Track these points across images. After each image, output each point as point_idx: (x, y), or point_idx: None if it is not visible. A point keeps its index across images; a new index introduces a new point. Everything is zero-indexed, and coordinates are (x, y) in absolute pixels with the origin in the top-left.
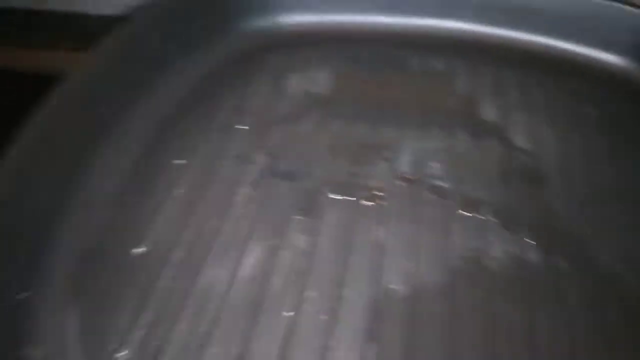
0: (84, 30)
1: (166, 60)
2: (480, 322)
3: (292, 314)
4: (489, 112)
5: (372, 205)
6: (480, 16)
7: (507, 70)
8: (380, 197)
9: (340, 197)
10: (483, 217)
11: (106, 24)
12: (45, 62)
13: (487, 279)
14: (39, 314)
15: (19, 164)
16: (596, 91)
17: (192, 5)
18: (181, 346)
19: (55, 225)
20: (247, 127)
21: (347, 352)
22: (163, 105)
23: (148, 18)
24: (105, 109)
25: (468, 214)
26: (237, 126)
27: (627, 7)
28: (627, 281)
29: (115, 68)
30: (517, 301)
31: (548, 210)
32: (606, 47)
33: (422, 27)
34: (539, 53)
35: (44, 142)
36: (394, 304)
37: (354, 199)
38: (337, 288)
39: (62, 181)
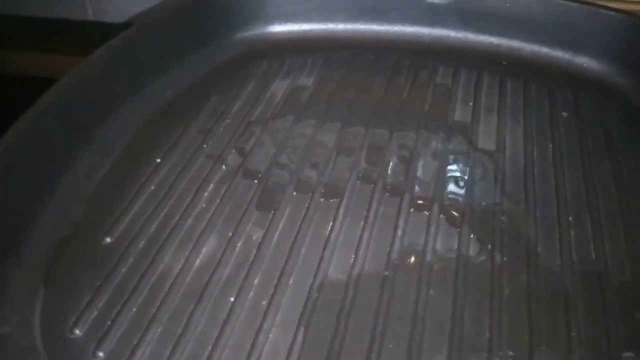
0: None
1: (161, 66)
2: (408, 312)
3: (233, 299)
4: (461, 113)
5: (327, 201)
6: (463, 24)
7: (486, 74)
8: (336, 194)
9: (299, 194)
10: (429, 214)
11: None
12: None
13: (424, 271)
14: (9, 294)
15: (4, 159)
16: (570, 93)
17: (189, 14)
18: (128, 326)
19: (34, 217)
20: (223, 129)
21: (278, 334)
22: (149, 108)
23: (147, 26)
24: (95, 110)
25: (417, 211)
26: (215, 128)
27: (603, 10)
28: (564, 280)
29: (108, 72)
30: (448, 292)
31: (496, 209)
32: (582, 50)
33: (406, 33)
34: (521, 58)
35: (30, 139)
36: (329, 293)
37: (311, 195)
38: (280, 277)
39: (44, 176)
